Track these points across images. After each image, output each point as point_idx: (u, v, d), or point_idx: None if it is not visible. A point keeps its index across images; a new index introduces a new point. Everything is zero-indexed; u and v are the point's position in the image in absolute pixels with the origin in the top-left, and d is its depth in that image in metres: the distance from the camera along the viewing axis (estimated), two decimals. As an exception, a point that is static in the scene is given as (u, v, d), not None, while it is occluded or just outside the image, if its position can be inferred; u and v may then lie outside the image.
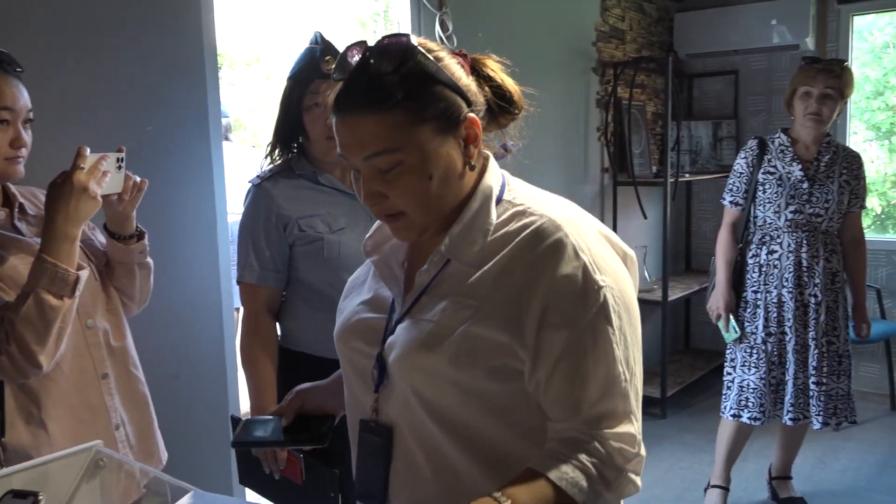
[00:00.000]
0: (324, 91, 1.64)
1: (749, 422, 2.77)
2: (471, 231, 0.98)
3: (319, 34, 1.74)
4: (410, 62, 0.92)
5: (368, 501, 1.06)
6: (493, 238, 0.98)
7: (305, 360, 1.75)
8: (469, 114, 0.96)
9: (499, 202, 1.01)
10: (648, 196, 4.23)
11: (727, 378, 2.86)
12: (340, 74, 0.95)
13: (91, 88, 1.83)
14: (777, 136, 2.78)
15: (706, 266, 4.15)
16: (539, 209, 0.99)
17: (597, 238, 1.00)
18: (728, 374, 2.86)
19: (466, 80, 0.98)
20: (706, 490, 3.00)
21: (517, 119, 1.06)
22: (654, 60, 4.27)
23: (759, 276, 2.76)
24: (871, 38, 4.51)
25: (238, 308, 2.07)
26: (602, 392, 0.93)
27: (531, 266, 0.94)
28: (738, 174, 2.82)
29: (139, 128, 1.92)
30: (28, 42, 1.70)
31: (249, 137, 6.80)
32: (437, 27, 2.85)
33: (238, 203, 1.88)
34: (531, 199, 1.01)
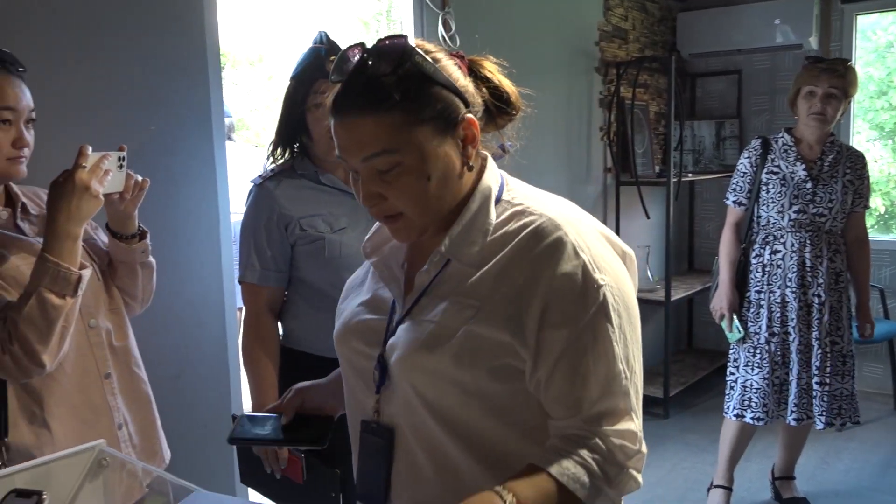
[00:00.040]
0: (326, 91, 1.64)
1: (752, 422, 2.77)
2: (470, 231, 0.98)
3: (324, 34, 1.74)
4: (408, 63, 0.92)
5: (370, 502, 1.07)
6: (493, 238, 0.98)
7: (307, 360, 1.75)
8: (467, 114, 0.97)
9: (498, 202, 1.01)
10: (651, 196, 4.23)
11: (730, 378, 2.86)
12: (338, 76, 0.95)
13: (93, 88, 1.84)
14: (780, 136, 2.78)
15: (709, 266, 4.16)
16: (538, 209, 0.99)
17: (596, 237, 1.00)
18: (731, 374, 2.86)
19: (464, 81, 0.98)
20: (709, 490, 2.99)
21: (515, 120, 1.06)
22: (657, 60, 4.26)
23: (763, 276, 2.76)
24: (875, 38, 4.50)
25: (240, 308, 2.07)
26: (603, 390, 0.93)
27: (531, 265, 0.94)
28: (742, 174, 2.81)
29: (141, 127, 1.92)
30: (29, 42, 1.70)
31: (252, 137, 6.80)
32: (440, 27, 2.85)
33: (240, 203, 1.88)
34: (530, 199, 1.01)
